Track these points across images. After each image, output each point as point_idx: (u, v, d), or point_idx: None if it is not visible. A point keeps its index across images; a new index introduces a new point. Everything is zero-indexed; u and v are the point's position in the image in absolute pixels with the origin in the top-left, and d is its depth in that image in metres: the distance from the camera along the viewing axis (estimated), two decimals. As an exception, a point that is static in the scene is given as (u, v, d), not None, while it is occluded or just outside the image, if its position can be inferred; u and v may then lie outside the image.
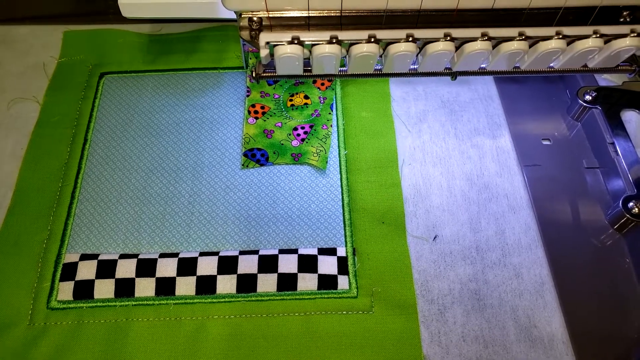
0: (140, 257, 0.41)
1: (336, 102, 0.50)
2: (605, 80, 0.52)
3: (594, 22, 0.38)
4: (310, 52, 0.38)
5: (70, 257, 0.41)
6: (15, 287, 0.40)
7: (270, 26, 0.38)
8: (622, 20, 0.38)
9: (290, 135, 0.47)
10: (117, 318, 0.39)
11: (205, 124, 0.49)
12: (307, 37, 0.37)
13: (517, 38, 0.37)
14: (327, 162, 0.46)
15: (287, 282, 0.40)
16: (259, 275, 0.40)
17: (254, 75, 0.43)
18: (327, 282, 0.40)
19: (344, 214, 0.44)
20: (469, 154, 0.48)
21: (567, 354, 0.38)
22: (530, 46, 0.39)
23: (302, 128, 0.47)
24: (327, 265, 0.41)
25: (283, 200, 0.44)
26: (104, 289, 0.40)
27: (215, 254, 0.41)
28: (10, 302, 0.40)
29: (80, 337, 0.38)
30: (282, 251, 0.42)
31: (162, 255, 0.41)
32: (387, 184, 0.45)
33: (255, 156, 0.46)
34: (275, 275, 0.40)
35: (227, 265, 0.41)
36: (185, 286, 0.40)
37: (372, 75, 0.42)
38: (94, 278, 0.40)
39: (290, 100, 0.49)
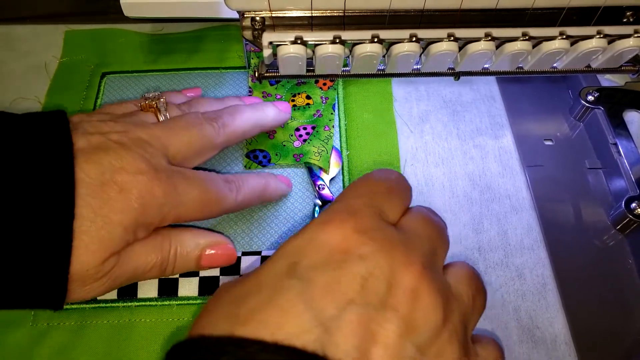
0: (142, 257, 0.41)
1: (338, 103, 0.50)
2: (608, 80, 0.52)
3: (598, 23, 0.38)
4: (313, 52, 0.38)
5: (72, 258, 0.41)
6: (17, 288, 0.40)
7: (273, 26, 0.38)
8: (625, 20, 0.39)
9: (292, 135, 0.47)
10: (120, 319, 0.39)
11: (207, 124, 0.49)
12: (310, 37, 0.37)
13: (521, 38, 0.38)
14: (329, 161, 0.46)
15: (289, 283, 0.40)
16: (261, 275, 0.40)
17: (256, 75, 0.43)
18: (330, 283, 0.40)
19: (346, 214, 0.44)
20: (471, 154, 0.48)
21: (569, 355, 0.38)
22: (533, 46, 0.39)
23: (304, 129, 0.47)
24: (330, 265, 0.41)
25: (285, 201, 0.44)
26: (106, 289, 0.40)
27: (218, 254, 0.41)
28: (12, 303, 0.40)
29: (83, 338, 0.38)
30: (284, 252, 0.41)
31: (165, 256, 0.41)
32: (390, 184, 0.45)
33: (257, 157, 0.46)
34: (278, 275, 0.40)
35: (230, 266, 0.40)
36: (188, 287, 0.40)
37: (375, 76, 0.42)
38: (96, 278, 0.40)
39: (293, 100, 0.49)
